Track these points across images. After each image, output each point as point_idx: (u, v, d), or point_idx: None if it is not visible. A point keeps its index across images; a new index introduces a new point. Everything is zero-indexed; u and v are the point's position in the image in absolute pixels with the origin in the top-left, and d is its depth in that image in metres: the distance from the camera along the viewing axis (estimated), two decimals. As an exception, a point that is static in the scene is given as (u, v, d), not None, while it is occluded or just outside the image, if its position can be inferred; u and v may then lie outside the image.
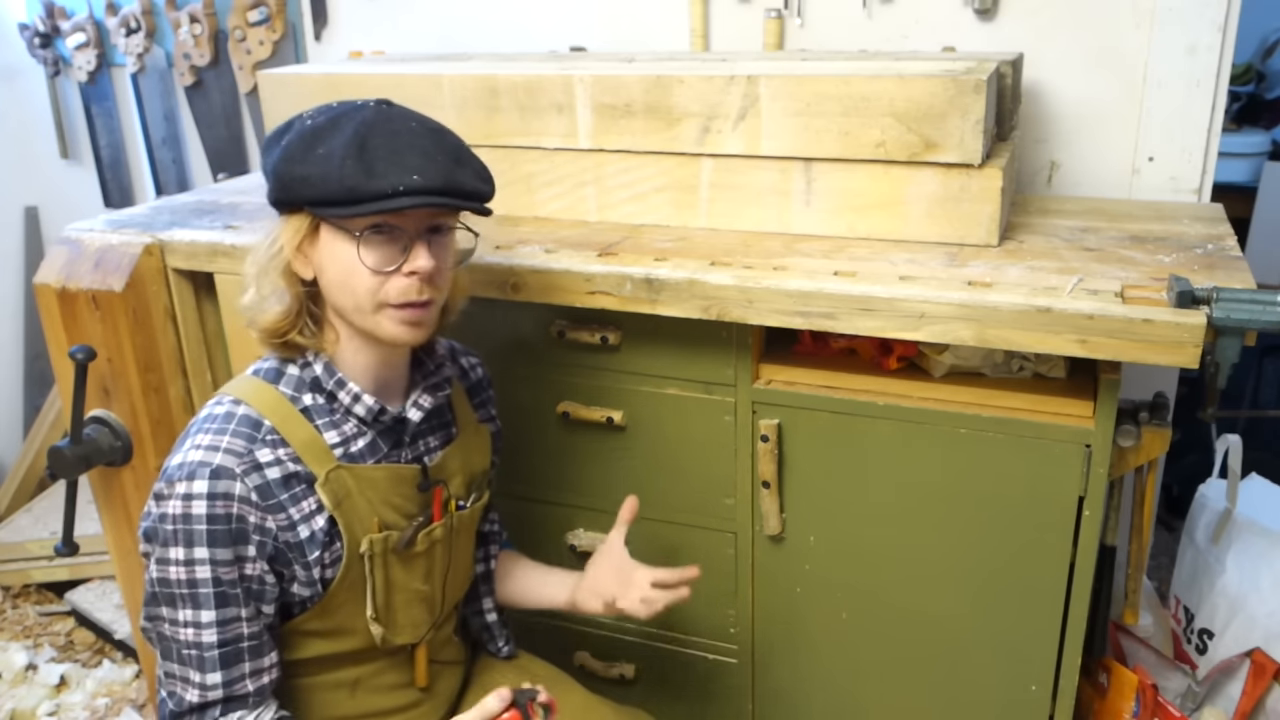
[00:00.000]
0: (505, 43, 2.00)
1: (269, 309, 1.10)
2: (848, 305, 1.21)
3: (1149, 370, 1.37)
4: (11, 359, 2.95)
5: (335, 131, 1.04)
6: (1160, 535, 2.39)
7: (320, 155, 1.03)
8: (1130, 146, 1.63)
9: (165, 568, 1.05)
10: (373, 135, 1.03)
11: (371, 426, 1.14)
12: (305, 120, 1.07)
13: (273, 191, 1.08)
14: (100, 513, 1.70)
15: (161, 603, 1.07)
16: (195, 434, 1.08)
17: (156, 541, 1.06)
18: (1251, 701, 1.58)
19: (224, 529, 1.04)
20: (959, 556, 1.33)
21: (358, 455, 1.13)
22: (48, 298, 1.58)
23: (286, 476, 1.08)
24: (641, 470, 1.47)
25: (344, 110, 1.07)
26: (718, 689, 1.56)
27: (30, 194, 2.90)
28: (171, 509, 1.04)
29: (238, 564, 1.05)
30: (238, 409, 1.09)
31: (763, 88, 1.36)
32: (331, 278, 1.08)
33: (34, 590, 2.56)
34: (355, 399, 1.12)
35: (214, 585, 1.05)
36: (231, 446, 1.06)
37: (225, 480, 1.04)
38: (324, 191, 1.03)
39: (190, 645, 1.06)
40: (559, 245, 1.41)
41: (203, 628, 1.05)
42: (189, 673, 1.07)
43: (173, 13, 2.36)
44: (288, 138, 1.07)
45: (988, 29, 1.66)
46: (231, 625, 1.06)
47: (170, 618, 1.06)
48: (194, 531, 1.03)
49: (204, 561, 1.04)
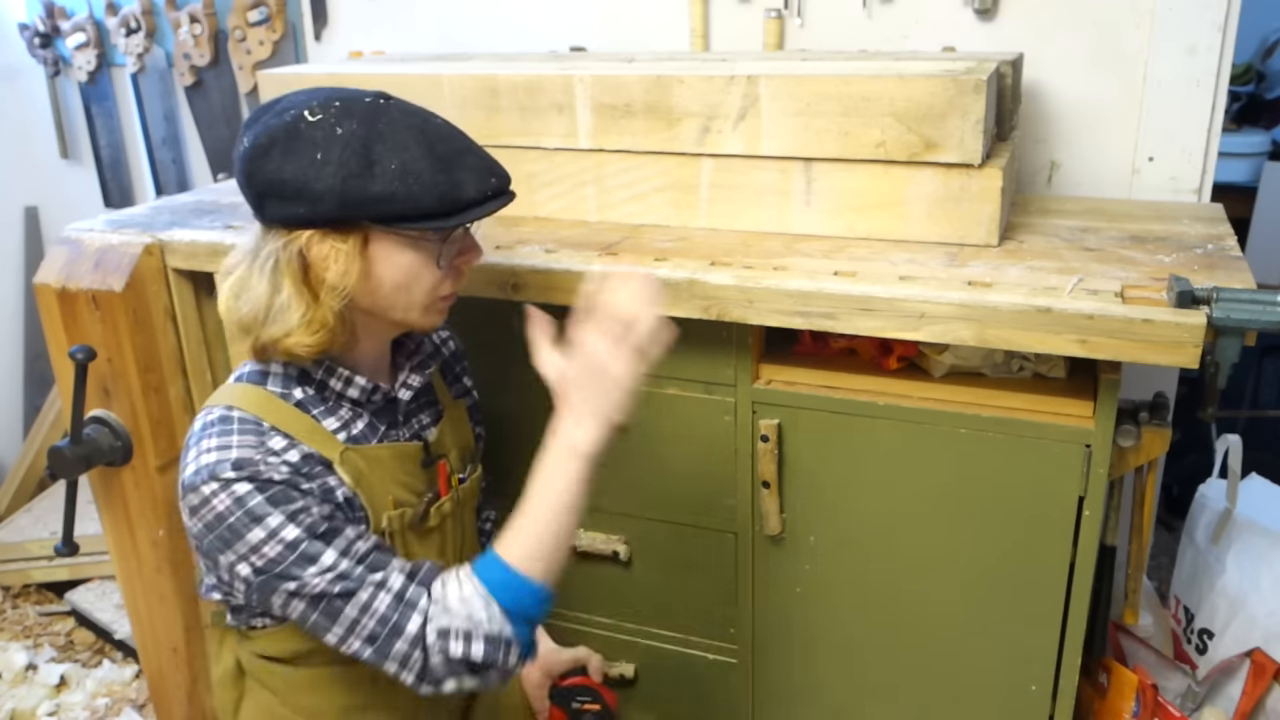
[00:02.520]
0: (505, 43, 2.00)
1: (312, 335, 1.05)
2: (848, 305, 1.21)
3: (1149, 370, 1.37)
4: (11, 359, 2.95)
5: (392, 141, 1.01)
6: (1160, 535, 2.40)
7: (396, 171, 1.00)
8: (1130, 146, 1.63)
9: (260, 553, 1.01)
10: (433, 140, 1.03)
11: (365, 408, 1.15)
12: (333, 128, 1.01)
13: (330, 209, 1.01)
14: (100, 513, 1.70)
15: (283, 579, 1.02)
16: (198, 443, 1.05)
17: (230, 546, 1.02)
18: (1251, 701, 1.58)
19: (279, 489, 1.02)
20: (959, 556, 1.33)
21: (360, 437, 1.14)
22: (48, 298, 1.58)
23: (305, 457, 1.06)
24: (641, 470, 1.47)
25: (364, 110, 1.03)
26: (718, 689, 1.56)
27: (30, 194, 2.90)
28: (219, 506, 1.01)
29: (310, 506, 1.03)
30: (232, 413, 1.07)
31: (763, 88, 1.36)
32: (387, 285, 1.06)
33: (34, 590, 2.56)
34: (347, 382, 1.12)
35: (310, 532, 1.02)
36: (242, 443, 1.04)
37: (250, 466, 1.02)
38: (415, 206, 1.01)
39: (340, 582, 1.01)
40: (559, 245, 1.41)
41: (336, 566, 1.02)
42: (365, 598, 1.02)
43: (173, 13, 2.36)
44: (330, 152, 1.00)
45: (988, 29, 1.66)
46: (354, 546, 1.04)
47: (301, 584, 1.02)
48: (254, 508, 1.01)
49: (284, 522, 1.01)
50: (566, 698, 1.28)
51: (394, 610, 1.02)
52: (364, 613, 1.02)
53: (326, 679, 1.18)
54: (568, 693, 1.29)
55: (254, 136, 1.02)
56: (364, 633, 1.03)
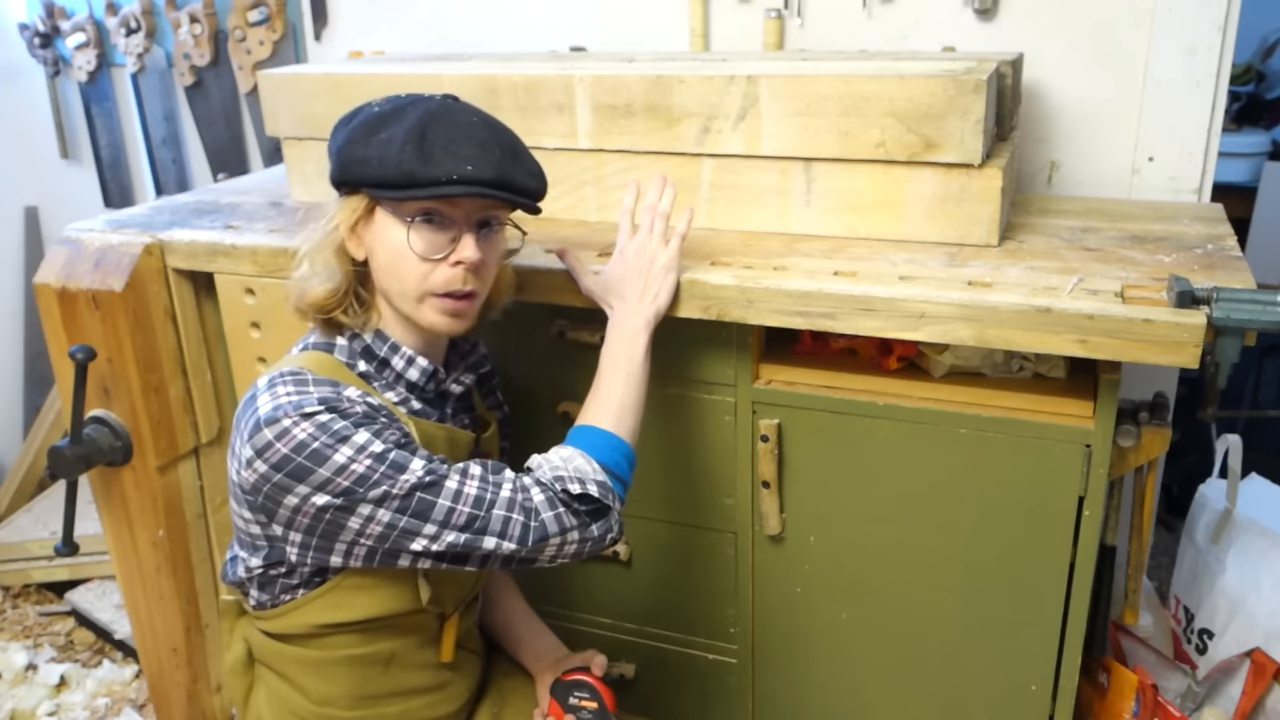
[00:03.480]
0: (505, 43, 2.00)
1: (318, 285, 1.13)
2: (848, 305, 1.21)
3: (1149, 370, 1.37)
4: (11, 359, 2.95)
5: (399, 119, 1.08)
6: (1160, 535, 2.39)
7: (382, 140, 1.06)
8: (1130, 146, 1.63)
9: (347, 472, 1.02)
10: (434, 125, 1.07)
11: (418, 394, 1.19)
12: (373, 107, 1.11)
13: (334, 172, 1.11)
14: (100, 513, 1.70)
15: (371, 490, 1.02)
16: (270, 388, 1.06)
17: (308, 477, 1.02)
18: (1251, 701, 1.58)
19: (361, 411, 1.05)
20: (959, 556, 1.33)
21: (420, 413, 1.18)
22: (48, 298, 1.58)
23: (380, 405, 1.09)
24: (641, 470, 1.46)
25: (411, 100, 1.11)
26: (718, 689, 1.56)
27: (30, 194, 2.90)
28: (300, 435, 1.02)
29: (391, 426, 1.07)
30: (303, 371, 1.09)
31: (763, 88, 1.36)
32: (381, 261, 1.11)
33: (34, 590, 2.56)
34: (409, 362, 1.16)
35: (396, 445, 1.05)
36: (320, 389, 1.06)
37: (332, 402, 1.04)
38: (381, 174, 1.06)
39: (430, 475, 1.05)
40: (559, 245, 1.40)
41: (427, 469, 1.05)
42: (453, 486, 1.06)
43: (173, 13, 2.36)
44: (355, 122, 1.10)
45: (988, 29, 1.66)
46: (433, 456, 1.08)
47: (390, 489, 1.03)
48: (340, 429, 1.03)
49: (370, 439, 1.03)
50: (565, 692, 1.29)
51: (485, 489, 1.07)
52: (457, 499, 1.05)
53: (339, 665, 1.18)
54: (566, 686, 1.29)
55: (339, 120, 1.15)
56: (459, 521, 1.05)
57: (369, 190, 1.09)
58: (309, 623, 1.16)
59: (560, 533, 1.08)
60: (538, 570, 1.14)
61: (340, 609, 1.15)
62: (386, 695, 1.22)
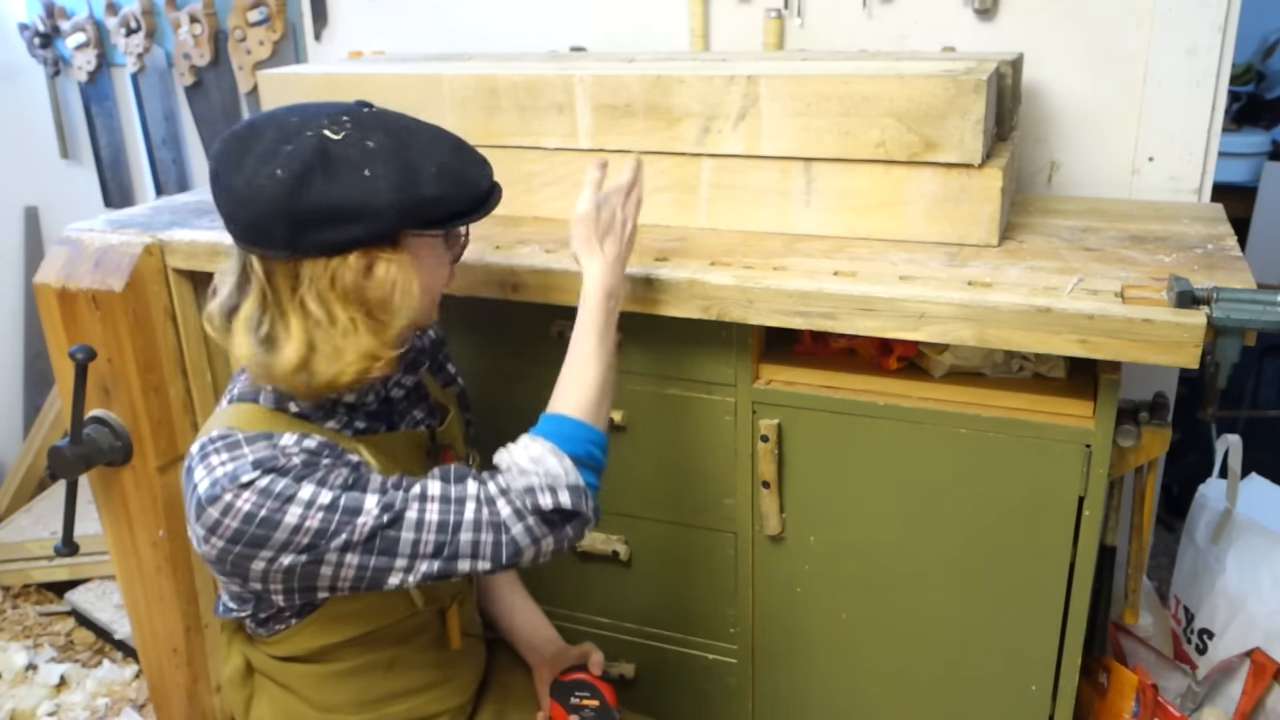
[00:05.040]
0: (505, 43, 2.00)
1: (377, 357, 1.04)
2: (848, 305, 1.21)
3: (1149, 370, 1.37)
4: (11, 359, 2.95)
5: (415, 147, 1.03)
6: (1160, 535, 2.39)
7: (434, 173, 1.02)
8: (1130, 146, 1.63)
9: (302, 531, 0.98)
10: (441, 138, 1.07)
11: (360, 411, 1.14)
12: (364, 142, 1.00)
13: (393, 223, 1.00)
14: (100, 513, 1.70)
15: (333, 540, 0.99)
16: (204, 461, 1.01)
17: (266, 544, 0.99)
18: (1251, 701, 1.58)
19: (300, 461, 1.00)
20: (959, 556, 1.33)
21: (365, 430, 1.15)
22: (48, 298, 1.58)
23: (320, 444, 1.04)
24: (641, 470, 1.47)
25: (365, 120, 1.02)
26: (718, 689, 1.56)
27: (30, 194, 2.90)
28: (245, 506, 0.97)
29: (335, 468, 1.01)
30: (233, 431, 1.04)
31: (763, 88, 1.36)
32: (414, 290, 1.04)
33: (34, 590, 2.56)
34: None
35: (344, 488, 1.00)
36: (254, 448, 1.01)
37: (269, 463, 1.00)
38: (464, 202, 1.06)
39: (387, 512, 1.00)
40: (559, 245, 1.41)
41: (383, 505, 1.00)
42: (413, 515, 1.01)
43: (173, 13, 2.36)
44: (376, 168, 0.99)
45: (988, 29, 1.66)
46: (386, 482, 1.03)
47: (351, 534, 0.99)
48: (282, 490, 0.98)
49: (317, 489, 0.99)
50: (565, 692, 1.29)
51: (447, 512, 1.03)
52: (419, 529, 1.01)
53: (341, 675, 1.18)
54: (566, 687, 1.29)
55: (280, 168, 0.96)
56: (427, 550, 1.02)
57: (437, 228, 1.05)
58: (308, 646, 1.16)
59: (533, 543, 1.05)
60: (535, 567, 1.13)
61: (337, 629, 1.14)
62: (391, 696, 1.21)
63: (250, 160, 0.98)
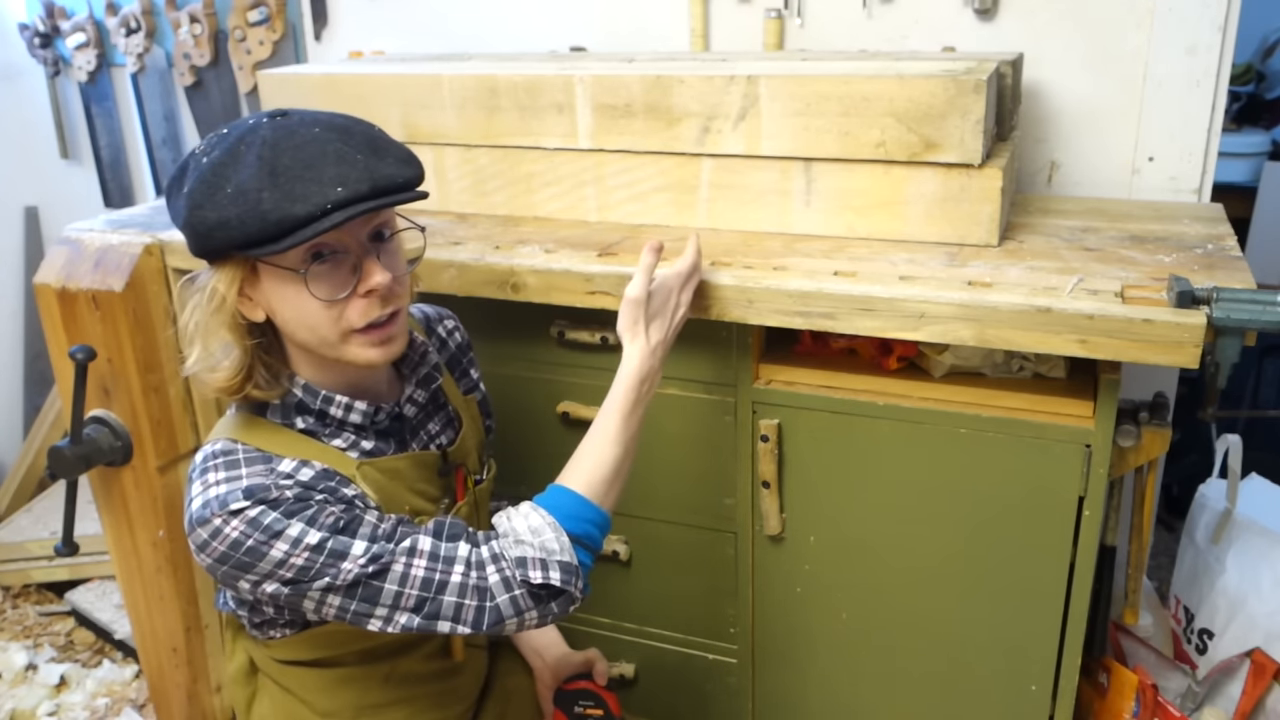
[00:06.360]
0: (505, 43, 2.00)
1: (219, 367, 1.04)
2: (848, 305, 1.21)
3: (1149, 370, 1.37)
4: (11, 359, 2.95)
5: (237, 163, 0.96)
6: (1160, 535, 2.39)
7: (230, 195, 0.95)
8: (1130, 146, 1.63)
9: (287, 565, 0.97)
10: (280, 156, 0.95)
11: (369, 430, 1.12)
12: (201, 158, 0.99)
13: (193, 245, 1.00)
14: (100, 513, 1.70)
15: (316, 580, 0.98)
16: (202, 476, 1.01)
17: (252, 569, 0.98)
18: (1251, 701, 1.58)
19: (293, 495, 0.99)
20: (959, 556, 1.33)
21: (374, 452, 1.12)
22: (48, 298, 1.58)
23: (319, 473, 1.02)
24: (641, 470, 1.46)
25: (238, 135, 0.98)
26: (718, 689, 1.56)
27: (30, 194, 2.90)
28: (233, 534, 0.97)
29: (327, 507, 1.00)
30: (236, 446, 1.03)
31: (763, 88, 1.36)
32: (287, 317, 1.02)
33: (34, 590, 2.56)
34: (347, 409, 1.09)
35: (333, 530, 0.98)
36: (251, 471, 1.00)
37: (261, 492, 0.98)
38: (248, 232, 0.95)
39: (374, 563, 0.99)
40: (559, 245, 1.41)
41: (370, 554, 0.99)
42: (399, 569, 0.99)
43: (173, 13, 2.36)
44: (190, 183, 0.98)
45: (988, 29, 1.66)
46: (378, 529, 1.01)
47: (335, 579, 0.98)
48: (271, 524, 0.97)
49: (305, 529, 0.98)
50: (569, 702, 1.29)
51: (434, 571, 1.01)
52: (404, 583, 1.00)
53: (342, 680, 1.18)
54: (570, 696, 1.29)
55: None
56: (409, 604, 1.01)
57: (241, 253, 0.98)
58: (306, 655, 1.16)
59: (516, 615, 1.03)
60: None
61: (335, 643, 1.14)
62: (391, 703, 1.21)
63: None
